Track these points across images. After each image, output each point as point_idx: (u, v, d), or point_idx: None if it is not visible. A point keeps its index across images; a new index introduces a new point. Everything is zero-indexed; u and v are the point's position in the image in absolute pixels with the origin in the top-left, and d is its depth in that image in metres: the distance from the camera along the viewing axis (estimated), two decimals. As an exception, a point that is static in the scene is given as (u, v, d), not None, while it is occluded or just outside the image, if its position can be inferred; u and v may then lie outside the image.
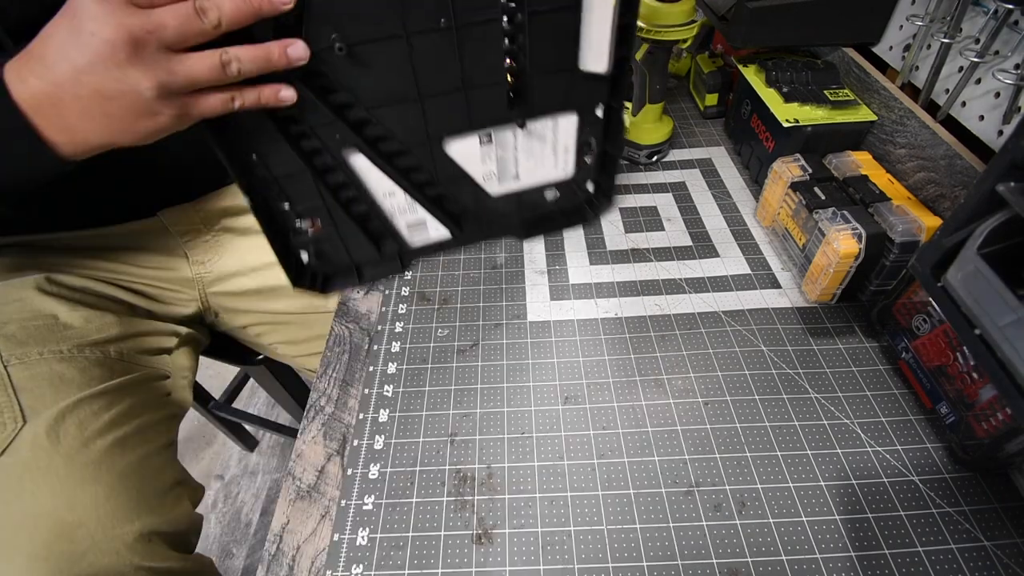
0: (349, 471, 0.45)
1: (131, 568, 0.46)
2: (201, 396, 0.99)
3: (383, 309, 0.57)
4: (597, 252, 0.62)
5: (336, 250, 0.41)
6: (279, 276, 0.68)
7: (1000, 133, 0.47)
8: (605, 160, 0.43)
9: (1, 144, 0.32)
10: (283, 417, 1.30)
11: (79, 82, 0.29)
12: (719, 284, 0.57)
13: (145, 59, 0.28)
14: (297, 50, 0.30)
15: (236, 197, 0.65)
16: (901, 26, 0.58)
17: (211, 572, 0.57)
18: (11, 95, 0.30)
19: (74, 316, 0.55)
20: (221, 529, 1.17)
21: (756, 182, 0.68)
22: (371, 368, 0.52)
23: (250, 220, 0.67)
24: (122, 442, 0.51)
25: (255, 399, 1.41)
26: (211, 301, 0.67)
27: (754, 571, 0.38)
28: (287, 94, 0.31)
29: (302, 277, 0.41)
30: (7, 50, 0.40)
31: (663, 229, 0.64)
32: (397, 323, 0.55)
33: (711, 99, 0.79)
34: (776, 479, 0.42)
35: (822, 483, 0.42)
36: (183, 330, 0.66)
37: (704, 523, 0.40)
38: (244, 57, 0.29)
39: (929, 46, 0.54)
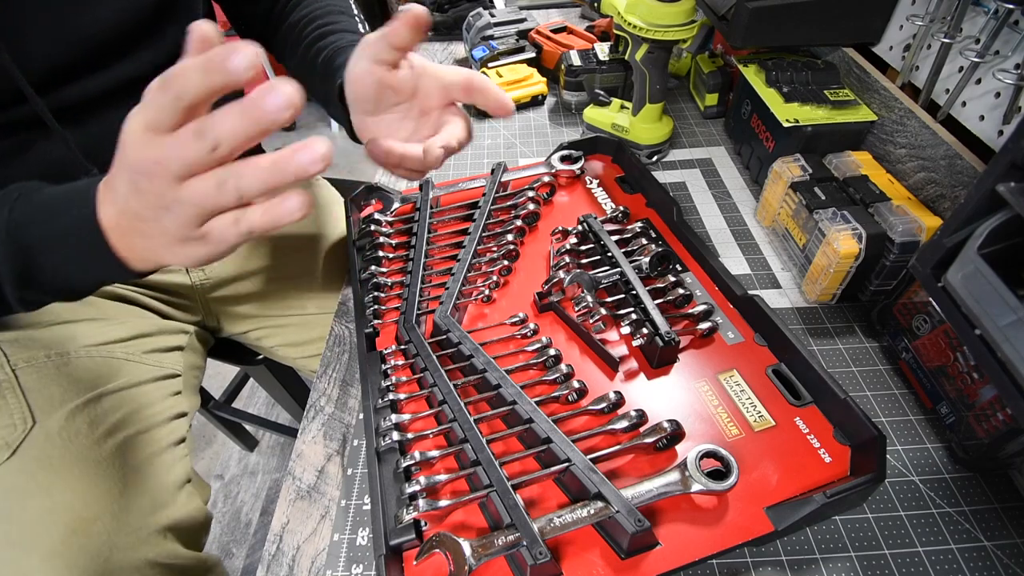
0: (349, 471, 0.45)
1: (145, 563, 0.46)
2: (201, 396, 0.98)
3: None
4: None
5: None
6: (277, 280, 0.69)
7: (1000, 133, 0.47)
8: None
9: (90, 262, 0.34)
10: (283, 417, 1.30)
11: (128, 208, 0.30)
12: (719, 284, 0.57)
13: (156, 188, 0.27)
14: (310, 153, 0.25)
15: None
16: (901, 26, 0.58)
17: (219, 572, 0.58)
18: (99, 222, 0.31)
19: (79, 319, 0.55)
20: (221, 529, 1.17)
21: (756, 182, 0.68)
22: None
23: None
24: (132, 440, 0.51)
25: (255, 399, 1.41)
26: (212, 307, 0.67)
27: (754, 571, 0.38)
28: (292, 204, 0.27)
29: None
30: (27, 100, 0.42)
31: (663, 229, 0.64)
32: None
33: (711, 99, 0.79)
34: (776, 479, 0.42)
35: (822, 483, 0.42)
36: (191, 328, 0.66)
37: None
38: (244, 172, 0.26)
39: (929, 46, 0.54)
